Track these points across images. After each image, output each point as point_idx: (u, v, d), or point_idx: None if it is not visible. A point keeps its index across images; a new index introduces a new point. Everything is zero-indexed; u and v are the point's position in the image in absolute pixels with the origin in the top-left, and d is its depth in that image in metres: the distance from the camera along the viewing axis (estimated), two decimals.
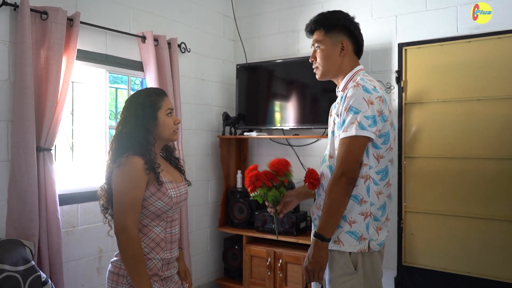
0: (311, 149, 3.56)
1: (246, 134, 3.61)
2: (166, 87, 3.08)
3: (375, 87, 1.68)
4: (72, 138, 2.89)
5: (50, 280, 2.22)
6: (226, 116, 3.64)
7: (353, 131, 1.60)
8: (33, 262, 2.16)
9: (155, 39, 3.09)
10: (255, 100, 3.69)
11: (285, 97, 3.57)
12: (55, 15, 2.41)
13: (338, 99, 1.79)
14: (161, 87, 3.04)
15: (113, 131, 2.70)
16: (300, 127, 3.43)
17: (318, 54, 1.81)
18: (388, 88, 3.16)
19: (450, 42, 2.94)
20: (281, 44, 3.74)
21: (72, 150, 2.88)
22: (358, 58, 1.84)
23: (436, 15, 3.01)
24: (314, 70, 1.85)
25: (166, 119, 1.79)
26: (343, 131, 1.63)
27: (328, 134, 1.84)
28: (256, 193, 1.77)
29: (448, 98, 2.95)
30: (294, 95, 3.49)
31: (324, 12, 1.86)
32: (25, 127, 2.30)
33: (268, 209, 1.86)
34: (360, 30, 1.83)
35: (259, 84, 3.69)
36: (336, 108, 1.77)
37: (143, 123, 1.74)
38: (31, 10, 2.34)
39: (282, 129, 3.54)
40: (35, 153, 2.34)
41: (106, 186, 1.77)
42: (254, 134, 3.55)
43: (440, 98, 2.98)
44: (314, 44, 1.83)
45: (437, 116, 2.99)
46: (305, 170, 3.48)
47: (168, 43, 3.19)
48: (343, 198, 1.62)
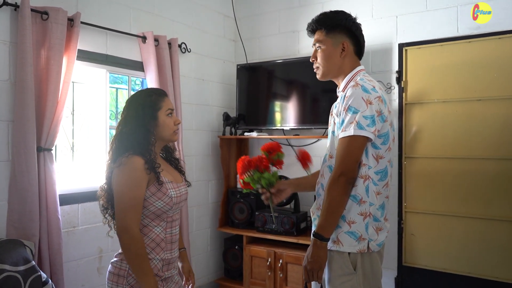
0: (312, 149, 3.55)
1: (246, 134, 3.61)
2: (167, 87, 3.08)
3: (374, 87, 1.68)
4: (73, 138, 2.89)
5: (50, 280, 2.23)
6: (226, 116, 3.64)
7: (351, 130, 1.60)
8: (33, 262, 2.16)
9: (156, 39, 3.10)
10: (256, 100, 3.69)
11: (285, 97, 3.57)
12: (55, 15, 2.42)
13: (339, 99, 1.79)
14: (161, 87, 3.04)
15: (113, 131, 2.70)
16: (300, 127, 3.43)
17: (319, 54, 1.80)
18: (389, 88, 3.16)
19: (450, 43, 2.94)
20: (281, 44, 3.74)
21: (73, 150, 2.89)
22: (359, 58, 1.84)
23: (437, 15, 3.01)
24: (315, 70, 1.85)
25: (166, 119, 1.79)
26: (342, 130, 1.64)
27: (328, 134, 1.85)
28: (248, 176, 1.75)
29: (448, 99, 2.95)
30: (295, 95, 3.49)
31: (326, 11, 1.85)
32: (25, 127, 2.30)
33: (262, 197, 1.84)
34: (361, 31, 1.83)
35: (259, 84, 3.69)
36: (336, 108, 1.78)
37: (143, 123, 1.74)
38: (32, 10, 2.35)
39: (283, 129, 3.54)
40: (36, 153, 2.34)
41: (106, 186, 1.77)
42: (254, 134, 3.55)
43: (440, 99, 2.98)
44: (315, 44, 1.82)
45: (437, 116, 2.99)
46: (305, 170, 3.50)
47: (169, 43, 3.20)
48: (342, 198, 1.62)
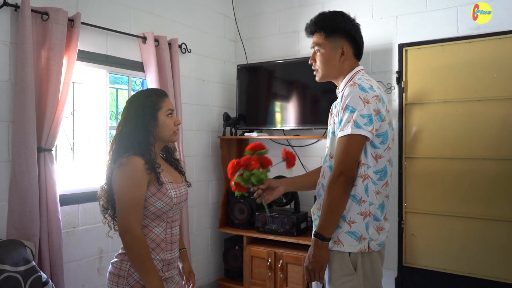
0: (312, 149, 3.56)
1: (246, 134, 3.61)
2: (167, 87, 3.08)
3: (371, 86, 1.68)
4: (73, 139, 2.89)
5: (50, 281, 2.23)
6: (226, 117, 3.65)
7: (349, 129, 1.60)
8: (33, 263, 2.16)
9: (156, 40, 3.10)
10: (256, 101, 3.69)
11: (285, 97, 3.57)
12: (56, 15, 2.42)
13: (338, 100, 1.79)
14: (161, 87, 3.04)
15: (113, 132, 2.70)
16: (300, 128, 3.43)
17: (318, 57, 1.79)
18: (389, 88, 3.16)
19: (450, 43, 2.94)
20: (281, 45, 3.74)
21: (73, 151, 2.89)
22: (358, 59, 1.83)
23: (437, 15, 3.01)
24: (314, 72, 1.84)
25: (166, 119, 1.79)
26: (340, 130, 1.64)
27: (327, 134, 1.84)
28: (238, 176, 1.76)
29: (448, 99, 2.95)
30: (295, 95, 3.49)
31: (325, 12, 1.83)
32: (26, 127, 2.30)
33: (255, 195, 1.83)
34: (360, 33, 1.82)
35: (259, 85, 3.69)
36: (336, 109, 1.78)
37: (143, 123, 1.74)
38: (32, 10, 2.35)
39: (283, 129, 3.54)
40: (36, 153, 2.34)
41: (106, 186, 1.77)
42: (254, 135, 3.55)
43: (440, 99, 2.98)
44: (314, 47, 1.81)
45: (437, 116, 2.99)
46: (305, 171, 3.51)
47: (169, 44, 3.20)
48: (342, 197, 1.62)
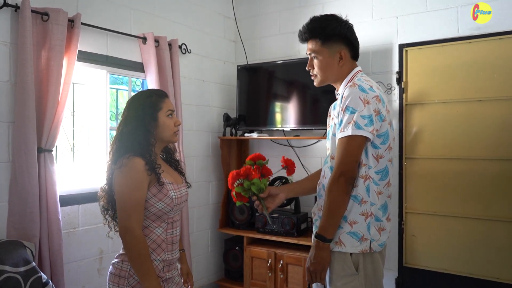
0: (312, 150, 3.56)
1: (246, 135, 3.61)
2: (167, 88, 3.08)
3: (371, 87, 1.68)
4: (73, 139, 2.89)
5: (51, 281, 2.22)
6: (226, 117, 3.65)
7: (349, 130, 1.60)
8: (33, 263, 2.16)
9: (156, 40, 3.10)
10: (256, 101, 3.69)
11: (285, 98, 3.57)
12: (56, 16, 2.42)
13: (338, 101, 1.79)
14: (161, 88, 3.04)
15: (114, 132, 2.70)
16: (300, 128, 3.43)
17: (316, 63, 1.78)
18: (389, 89, 3.16)
19: (450, 43, 2.94)
20: (281, 45, 3.74)
21: (73, 151, 2.88)
22: (356, 60, 1.83)
23: (437, 16, 3.01)
24: (312, 78, 1.83)
25: (167, 120, 1.79)
26: (341, 131, 1.64)
27: (327, 135, 1.84)
28: (238, 186, 1.76)
29: (448, 99, 2.95)
30: (295, 96, 3.49)
31: (317, 17, 1.78)
32: (26, 128, 2.30)
33: (255, 204, 1.83)
34: (355, 35, 1.80)
35: (259, 85, 3.69)
36: (336, 110, 1.77)
37: (143, 124, 1.74)
38: (32, 11, 2.35)
39: (283, 130, 3.54)
40: (36, 154, 2.34)
41: (106, 187, 1.77)
42: (254, 135, 3.55)
43: (440, 99, 2.98)
44: (310, 54, 1.79)
45: (438, 117, 2.99)
46: (305, 171, 3.51)
47: (169, 44, 3.20)
48: (343, 198, 1.62)
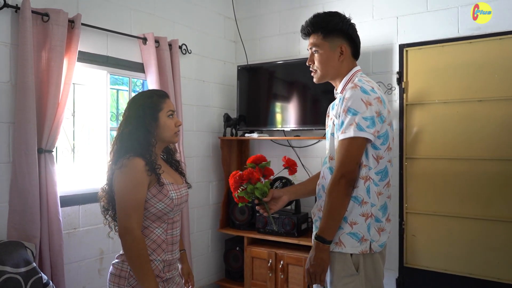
0: (312, 150, 3.56)
1: (247, 135, 3.61)
2: (167, 88, 3.08)
3: (373, 88, 1.68)
4: (73, 140, 2.89)
5: (51, 282, 2.23)
6: (227, 118, 3.65)
7: (351, 132, 1.60)
8: (34, 264, 2.16)
9: (156, 41, 3.10)
10: (256, 101, 3.69)
11: (286, 98, 3.57)
12: (56, 17, 2.42)
13: (337, 101, 1.78)
14: (162, 88, 3.04)
15: (114, 133, 2.70)
16: (301, 128, 3.43)
17: (316, 58, 1.78)
18: (389, 89, 3.16)
19: (451, 43, 2.94)
20: (282, 45, 3.74)
21: (73, 152, 2.89)
22: (356, 59, 1.83)
23: (437, 16, 3.01)
24: (312, 74, 1.83)
25: (167, 120, 1.79)
26: (342, 132, 1.63)
27: (326, 136, 1.84)
28: (241, 190, 1.76)
29: (449, 99, 2.95)
30: (295, 96, 3.49)
31: (320, 13, 1.81)
32: (26, 128, 2.30)
33: (257, 207, 1.83)
34: (357, 32, 1.81)
35: (260, 85, 3.69)
36: (334, 110, 1.77)
37: (144, 124, 1.74)
38: (33, 12, 2.35)
39: (283, 130, 3.54)
40: (37, 154, 2.35)
41: (107, 187, 1.78)
42: (255, 135, 3.55)
43: (441, 99, 2.98)
44: (311, 48, 1.80)
45: (438, 117, 2.99)
46: (306, 171, 3.51)
47: (169, 45, 3.20)
48: (343, 200, 1.62)
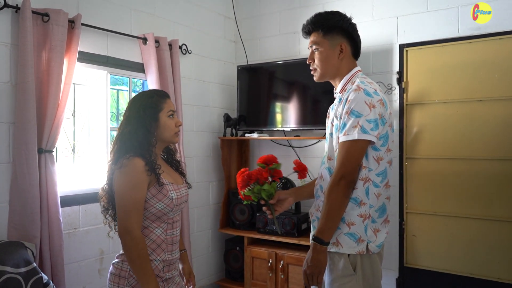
0: (312, 150, 3.56)
1: (247, 135, 3.61)
2: (167, 88, 3.09)
3: (376, 90, 1.68)
4: (74, 140, 2.90)
5: (51, 282, 2.23)
6: (227, 118, 3.65)
7: (355, 135, 1.59)
8: (34, 264, 2.16)
9: (156, 41, 3.10)
10: (256, 101, 3.70)
11: (286, 98, 3.57)
12: (56, 17, 2.42)
13: (336, 101, 1.78)
14: (162, 88, 3.04)
15: (114, 133, 2.70)
16: (301, 128, 3.43)
17: (316, 56, 1.79)
18: (389, 89, 3.16)
19: (451, 43, 2.94)
20: (282, 45, 3.74)
21: (74, 152, 2.89)
22: (356, 59, 1.83)
23: (437, 16, 3.01)
24: (312, 72, 1.83)
25: (168, 120, 1.79)
26: (344, 134, 1.62)
27: (326, 136, 1.84)
28: (248, 190, 1.76)
29: (449, 99, 2.95)
30: (295, 96, 3.49)
31: (321, 12, 1.82)
32: (26, 129, 2.30)
33: (264, 208, 1.83)
34: (357, 32, 1.82)
35: (260, 86, 3.69)
36: (334, 110, 1.77)
37: (144, 124, 1.74)
38: (33, 12, 2.35)
39: (283, 130, 3.54)
40: (37, 154, 2.35)
41: (107, 187, 1.78)
42: (255, 135, 3.55)
43: (441, 99, 2.98)
44: (312, 46, 1.80)
45: (438, 117, 2.99)
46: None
47: (169, 45, 3.20)
48: (343, 201, 1.62)
